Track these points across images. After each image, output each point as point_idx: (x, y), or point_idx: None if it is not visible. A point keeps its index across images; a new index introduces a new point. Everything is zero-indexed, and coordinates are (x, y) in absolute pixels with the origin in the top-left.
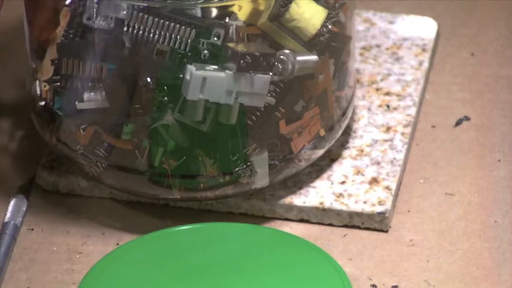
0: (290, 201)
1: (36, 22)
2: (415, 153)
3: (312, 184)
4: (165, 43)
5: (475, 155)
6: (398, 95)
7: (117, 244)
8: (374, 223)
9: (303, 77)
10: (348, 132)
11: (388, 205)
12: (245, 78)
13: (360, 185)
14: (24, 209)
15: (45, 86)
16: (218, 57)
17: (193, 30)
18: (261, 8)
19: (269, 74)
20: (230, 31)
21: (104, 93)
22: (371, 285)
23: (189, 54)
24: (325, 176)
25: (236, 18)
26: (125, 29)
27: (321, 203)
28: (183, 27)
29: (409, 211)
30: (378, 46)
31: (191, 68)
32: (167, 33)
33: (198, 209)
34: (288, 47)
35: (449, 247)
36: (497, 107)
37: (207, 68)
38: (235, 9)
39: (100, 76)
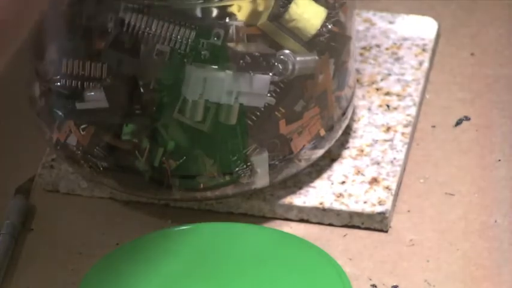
0: (290, 201)
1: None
2: (415, 153)
3: (312, 184)
4: (165, 43)
5: (475, 155)
6: (398, 95)
7: (117, 244)
8: (374, 223)
9: (303, 77)
10: (348, 132)
11: (388, 205)
12: (245, 78)
13: (360, 185)
14: (24, 209)
15: (45, 86)
16: (218, 57)
17: (193, 31)
18: (261, 8)
19: (269, 74)
20: (230, 31)
21: (104, 93)
22: (371, 285)
23: (189, 54)
24: (325, 176)
25: (236, 18)
26: (125, 29)
27: (321, 203)
28: (183, 27)
29: (409, 211)
30: (378, 46)
31: (191, 68)
32: (167, 34)
33: (198, 209)
34: (288, 47)
35: (449, 247)
36: (497, 107)
37: (207, 68)
38: (234, 9)
39: (100, 76)
